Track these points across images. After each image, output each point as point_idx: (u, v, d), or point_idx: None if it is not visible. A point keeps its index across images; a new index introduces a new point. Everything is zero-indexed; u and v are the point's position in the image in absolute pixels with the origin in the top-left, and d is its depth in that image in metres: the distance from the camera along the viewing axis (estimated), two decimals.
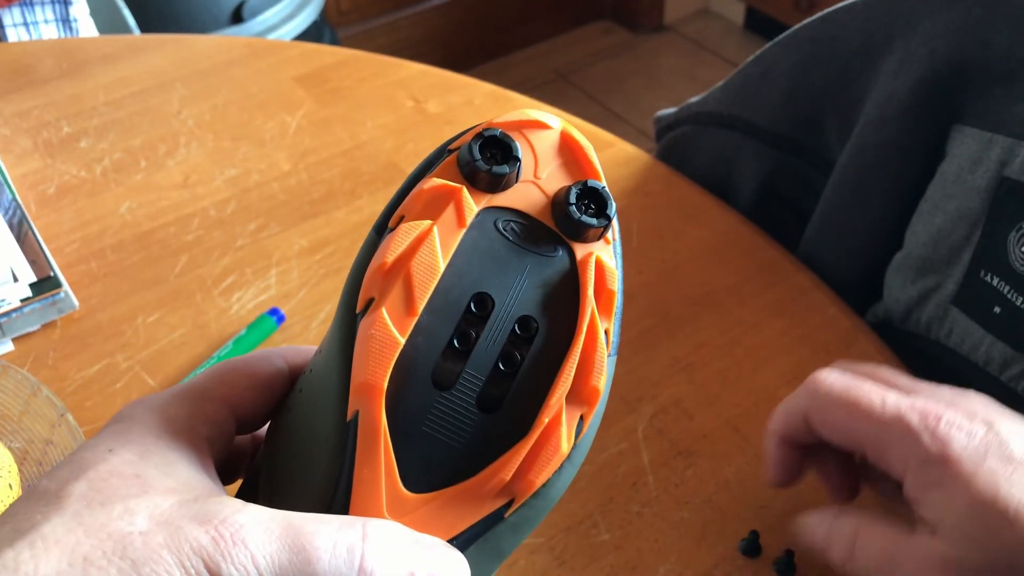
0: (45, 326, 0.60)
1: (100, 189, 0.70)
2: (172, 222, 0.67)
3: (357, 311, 0.26)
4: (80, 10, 1.13)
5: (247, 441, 0.32)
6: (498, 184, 0.27)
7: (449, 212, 0.26)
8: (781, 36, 0.64)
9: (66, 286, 0.60)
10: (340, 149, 0.74)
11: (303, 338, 0.59)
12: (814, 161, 0.63)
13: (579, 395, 0.26)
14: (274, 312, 0.59)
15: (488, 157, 0.27)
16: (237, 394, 0.29)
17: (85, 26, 1.14)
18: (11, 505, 0.24)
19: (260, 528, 0.23)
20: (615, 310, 0.27)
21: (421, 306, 0.25)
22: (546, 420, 0.25)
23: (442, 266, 0.26)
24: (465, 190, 0.27)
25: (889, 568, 0.36)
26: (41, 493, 0.24)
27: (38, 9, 1.10)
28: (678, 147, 0.73)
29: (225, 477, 0.29)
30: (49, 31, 1.11)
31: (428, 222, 0.26)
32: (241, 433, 0.30)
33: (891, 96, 0.55)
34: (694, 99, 0.71)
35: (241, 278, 0.63)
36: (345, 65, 0.83)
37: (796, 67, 0.62)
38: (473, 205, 0.27)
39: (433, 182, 0.27)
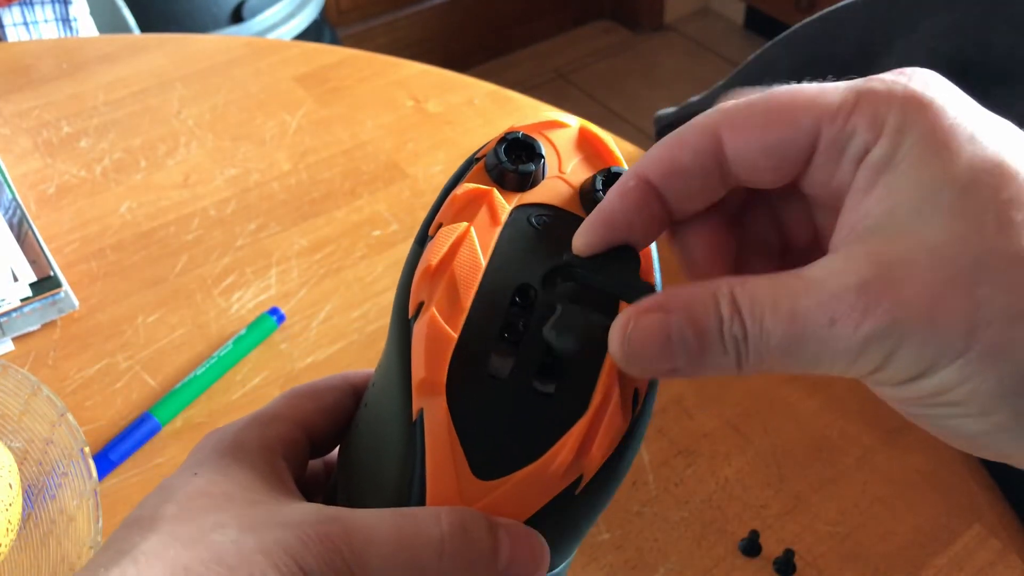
0: (45, 326, 0.60)
1: (100, 189, 0.70)
2: (172, 222, 0.67)
3: (409, 317, 0.27)
4: (80, 10, 1.13)
5: (320, 467, 0.34)
6: (526, 182, 0.29)
7: (483, 213, 0.28)
8: (781, 36, 0.64)
9: (66, 286, 0.60)
10: (340, 149, 0.74)
11: (303, 337, 0.59)
12: None
13: None
14: (274, 312, 0.59)
15: (514, 158, 0.29)
16: (306, 415, 0.31)
17: (85, 26, 1.14)
18: (110, 535, 0.26)
19: (343, 526, 0.24)
20: (655, 285, 0.28)
21: (469, 302, 0.27)
22: (601, 395, 0.26)
23: (483, 263, 0.27)
24: (496, 191, 0.28)
25: (792, 320, 0.22)
26: (136, 519, 0.26)
27: (38, 9, 1.10)
28: None
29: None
30: (49, 31, 1.11)
31: (465, 224, 0.27)
32: (314, 456, 0.32)
33: None
34: (694, 98, 0.71)
35: (241, 278, 0.63)
36: (345, 65, 0.83)
37: (796, 66, 0.62)
38: (505, 204, 0.28)
39: (465, 187, 0.28)
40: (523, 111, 0.78)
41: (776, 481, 0.51)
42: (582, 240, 0.26)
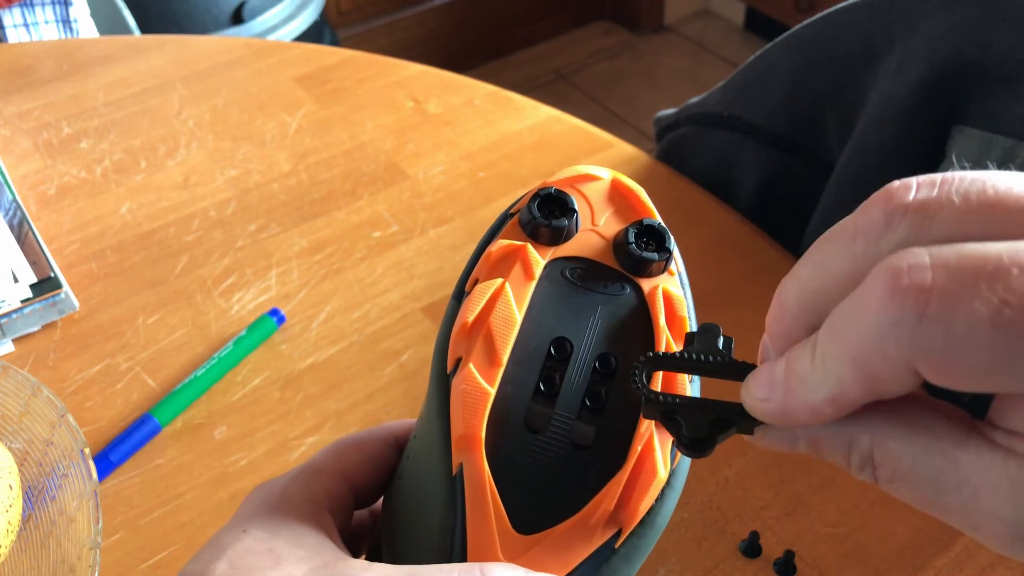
0: (45, 327, 0.60)
1: (100, 190, 0.70)
2: (172, 223, 0.67)
3: (448, 372, 0.28)
4: (80, 11, 1.13)
5: (365, 516, 0.35)
6: (559, 236, 0.29)
7: (518, 268, 0.28)
8: (781, 37, 0.64)
9: (66, 287, 0.60)
10: (340, 149, 0.74)
11: (303, 338, 0.59)
12: (814, 161, 0.63)
13: None
14: (274, 313, 0.59)
15: (547, 213, 0.29)
16: (351, 468, 0.31)
17: (85, 27, 1.14)
18: None
19: None
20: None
21: (505, 356, 0.27)
22: (639, 448, 0.26)
23: (519, 318, 0.28)
24: (530, 246, 0.29)
25: (937, 491, 0.21)
26: None
27: (38, 10, 1.10)
28: (678, 148, 0.73)
29: (349, 551, 0.31)
30: (49, 32, 1.11)
31: (500, 280, 0.28)
32: (359, 507, 0.32)
33: (891, 96, 0.55)
34: (694, 100, 0.71)
35: (241, 278, 0.63)
36: (345, 65, 0.83)
37: (796, 68, 0.62)
38: (539, 258, 0.29)
39: (499, 244, 0.29)
40: (523, 112, 0.78)
41: (776, 482, 0.51)
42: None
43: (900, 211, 0.21)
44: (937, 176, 0.21)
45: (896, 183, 0.21)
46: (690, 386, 0.28)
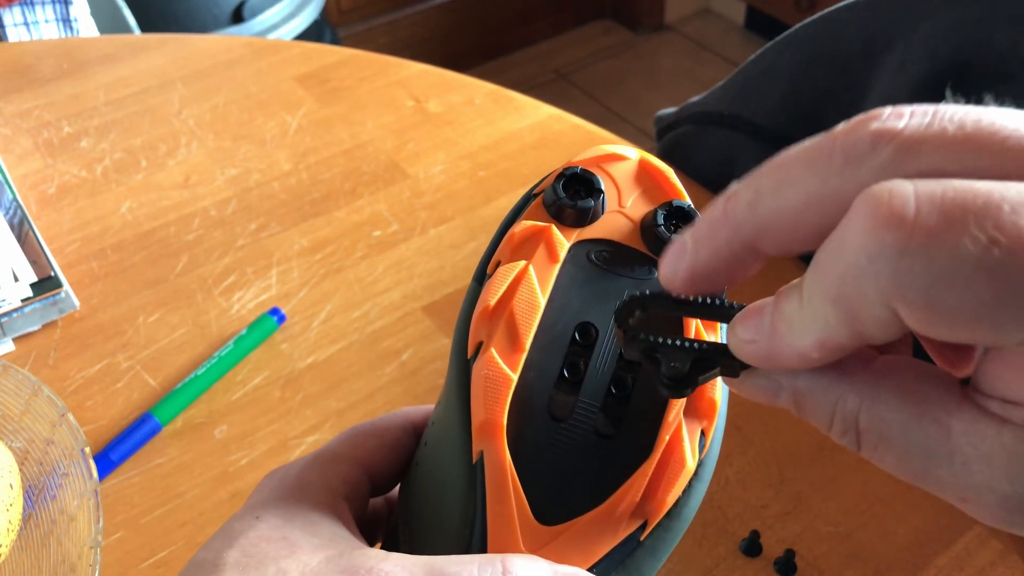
0: (46, 326, 0.60)
1: (101, 189, 0.70)
2: (173, 222, 0.67)
3: (468, 357, 0.27)
4: (80, 10, 1.13)
5: (381, 504, 0.34)
6: (585, 218, 0.28)
7: (542, 250, 0.27)
8: (782, 36, 0.64)
9: (67, 286, 0.60)
10: (341, 149, 0.74)
11: (304, 338, 0.59)
12: None
13: (696, 410, 0.26)
14: (275, 312, 0.59)
15: (572, 193, 0.28)
16: (367, 454, 0.31)
17: (85, 26, 1.14)
18: None
19: (405, 574, 0.24)
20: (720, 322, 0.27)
21: (527, 342, 0.26)
22: (667, 438, 0.26)
23: (542, 302, 0.27)
24: (554, 227, 0.28)
25: (925, 465, 0.20)
26: (199, 564, 0.26)
27: (39, 9, 1.10)
28: (679, 147, 0.73)
29: (364, 540, 0.30)
30: (50, 31, 1.11)
31: (523, 262, 0.27)
32: (375, 495, 0.31)
33: (892, 96, 0.55)
34: (695, 99, 0.71)
35: (242, 278, 0.63)
36: (346, 65, 0.83)
37: (797, 67, 0.62)
38: (564, 240, 0.28)
39: (523, 225, 0.28)
40: (524, 111, 0.78)
41: (777, 481, 0.51)
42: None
43: (888, 136, 0.19)
44: (932, 106, 0.19)
45: (887, 108, 0.19)
46: (721, 334, 0.27)
